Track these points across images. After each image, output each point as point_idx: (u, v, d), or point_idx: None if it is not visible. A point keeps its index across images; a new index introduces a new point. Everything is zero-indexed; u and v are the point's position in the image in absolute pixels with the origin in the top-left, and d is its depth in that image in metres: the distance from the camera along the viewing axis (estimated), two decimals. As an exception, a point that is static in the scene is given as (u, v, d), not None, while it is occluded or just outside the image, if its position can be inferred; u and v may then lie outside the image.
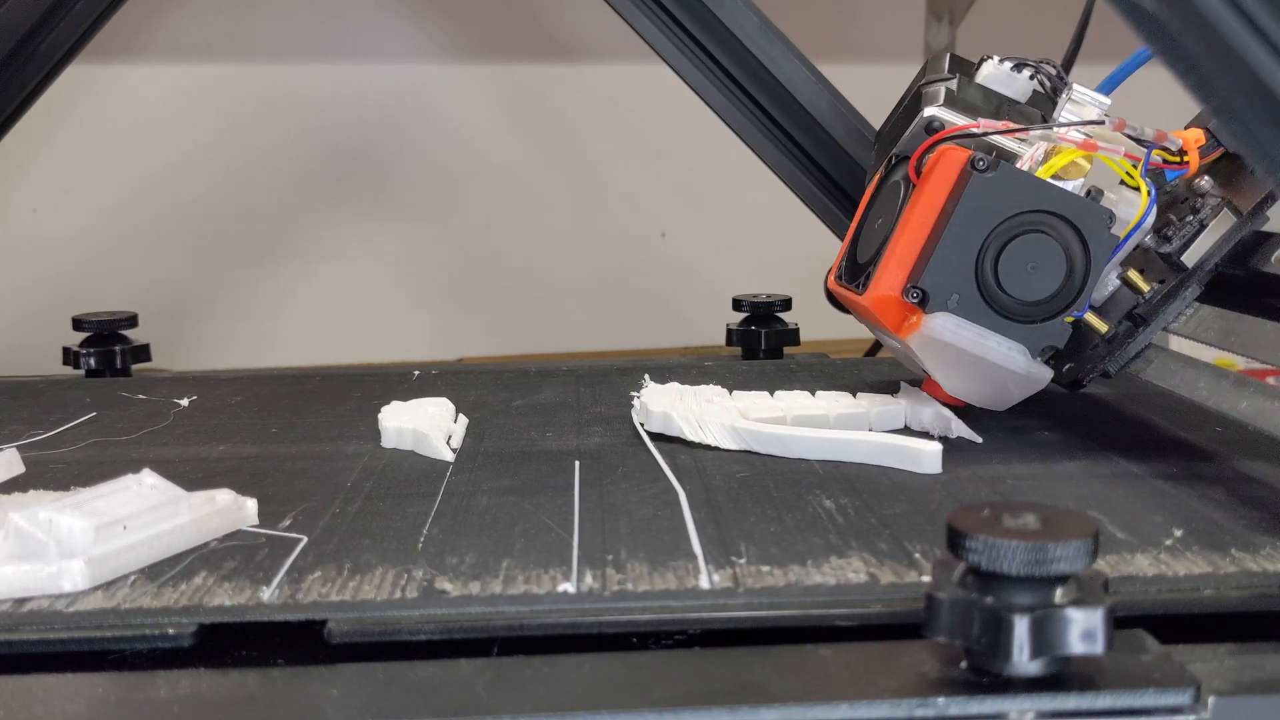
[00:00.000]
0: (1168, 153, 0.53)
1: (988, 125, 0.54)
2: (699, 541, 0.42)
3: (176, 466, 0.52)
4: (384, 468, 0.52)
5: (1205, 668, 0.32)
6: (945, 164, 0.53)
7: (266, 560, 0.40)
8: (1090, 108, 0.55)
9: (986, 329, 0.53)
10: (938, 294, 0.52)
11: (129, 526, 0.40)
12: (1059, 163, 0.52)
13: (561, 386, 0.68)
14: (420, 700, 0.30)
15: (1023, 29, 1.31)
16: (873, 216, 0.59)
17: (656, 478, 0.49)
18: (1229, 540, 0.41)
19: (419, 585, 0.38)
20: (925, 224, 0.53)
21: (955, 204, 0.52)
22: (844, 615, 0.36)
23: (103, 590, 0.38)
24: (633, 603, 0.37)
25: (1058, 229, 0.52)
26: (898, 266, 0.53)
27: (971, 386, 0.55)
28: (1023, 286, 0.52)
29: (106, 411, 0.63)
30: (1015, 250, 0.52)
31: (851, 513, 0.45)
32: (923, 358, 0.55)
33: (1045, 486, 0.48)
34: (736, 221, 1.37)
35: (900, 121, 0.60)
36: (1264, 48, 0.31)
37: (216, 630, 0.36)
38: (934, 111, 0.56)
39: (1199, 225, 0.55)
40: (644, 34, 0.84)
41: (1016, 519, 0.30)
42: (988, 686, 0.30)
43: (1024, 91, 0.58)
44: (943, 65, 0.59)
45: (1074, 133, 0.53)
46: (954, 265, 0.52)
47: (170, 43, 1.26)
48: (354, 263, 1.34)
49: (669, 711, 0.29)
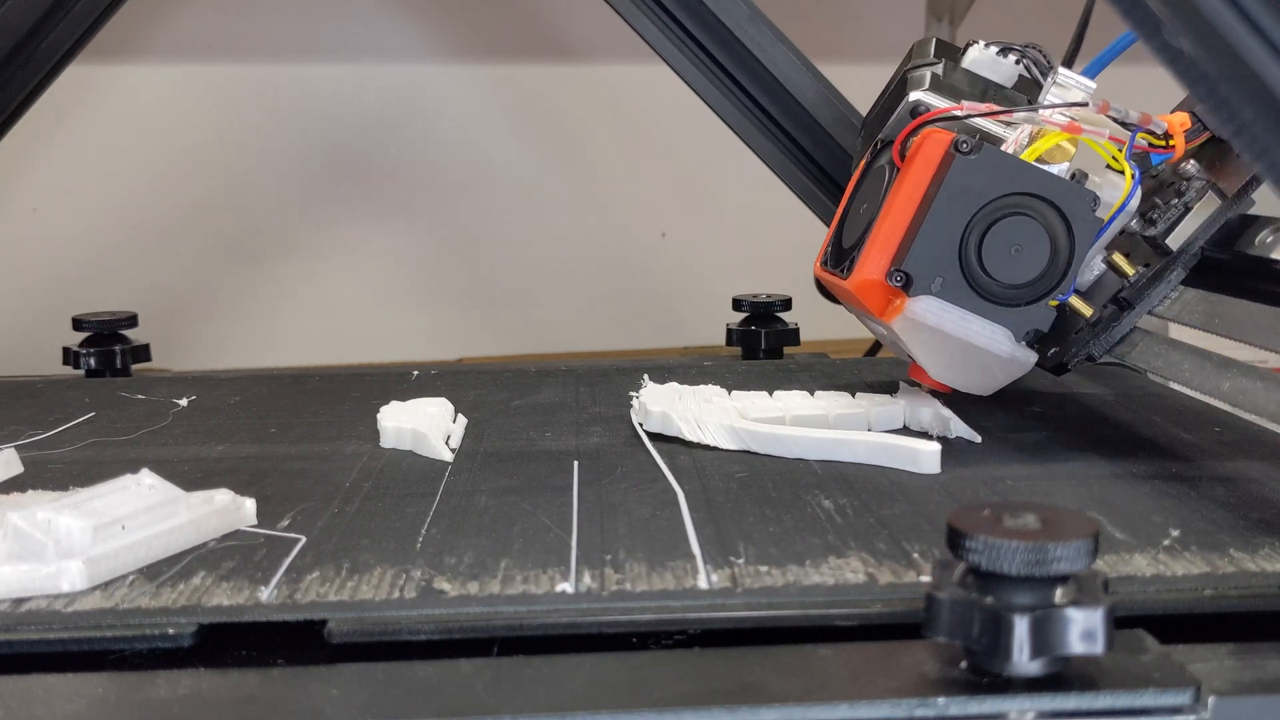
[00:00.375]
0: (1153, 136, 0.53)
1: (971, 108, 0.53)
2: (697, 541, 0.42)
3: (175, 466, 0.52)
4: (383, 468, 0.52)
5: (1205, 668, 0.32)
6: (929, 147, 0.52)
7: (265, 560, 0.40)
8: (1075, 91, 0.55)
9: (970, 312, 0.52)
10: (921, 277, 0.52)
11: (127, 526, 0.40)
12: (1043, 145, 0.52)
13: (560, 386, 0.68)
14: (420, 700, 0.30)
15: (1022, 29, 1.31)
16: (858, 201, 0.58)
17: (655, 478, 0.49)
18: (1228, 540, 0.41)
19: (418, 585, 0.38)
20: (909, 207, 0.52)
21: (939, 187, 0.51)
22: (844, 615, 0.36)
23: (101, 590, 0.38)
24: (631, 603, 0.37)
25: (1042, 212, 0.51)
26: (881, 250, 0.53)
27: (956, 371, 0.55)
28: (1007, 270, 0.51)
29: (105, 411, 0.63)
30: (999, 233, 0.51)
31: (850, 513, 0.45)
32: (907, 341, 0.54)
33: (1044, 487, 0.48)
34: (736, 221, 1.37)
35: (886, 106, 0.60)
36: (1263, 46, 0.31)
37: (216, 630, 0.36)
38: (919, 96, 0.56)
39: (1184, 208, 0.55)
40: (644, 34, 0.84)
41: (1016, 519, 0.30)
42: (988, 686, 0.30)
43: (1010, 76, 0.57)
44: (928, 50, 0.59)
45: (1058, 115, 0.52)
46: (938, 248, 0.51)
47: (170, 43, 1.26)
48: (354, 262, 1.34)
49: (669, 711, 0.29)
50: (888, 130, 0.57)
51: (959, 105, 0.54)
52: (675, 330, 1.36)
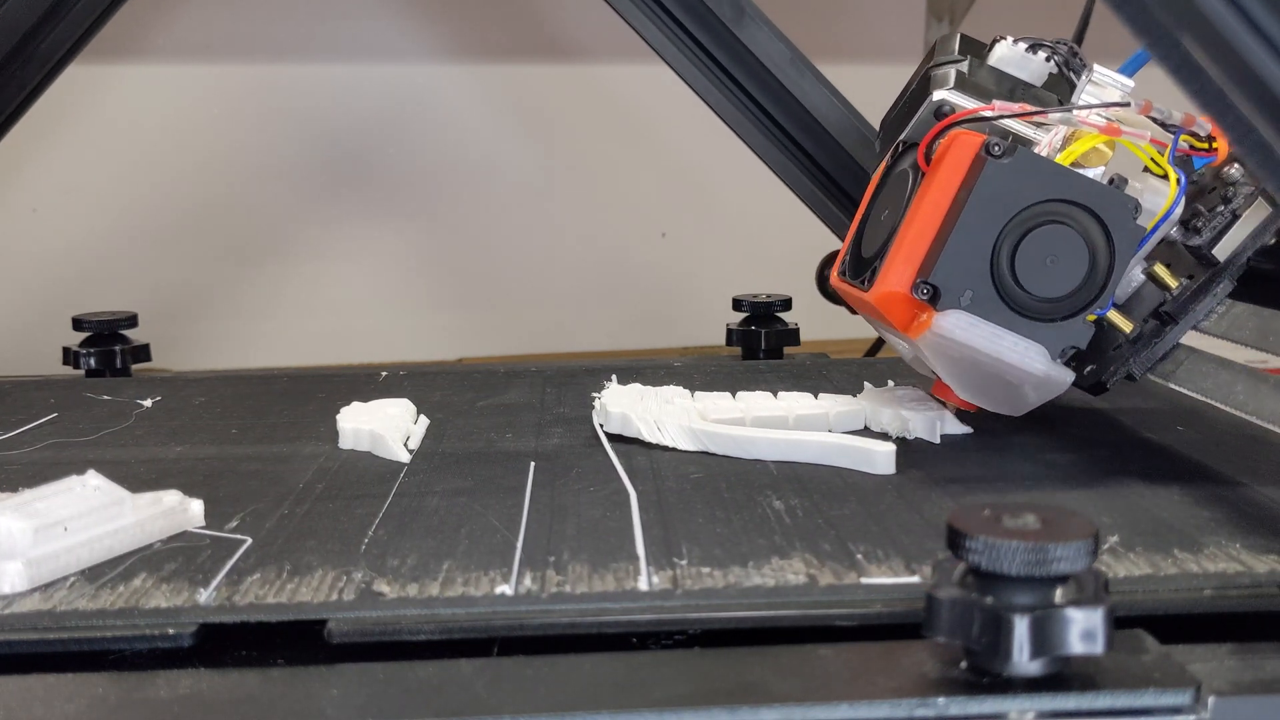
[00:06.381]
0: (1195, 138, 0.50)
1: (1003, 108, 0.50)
2: (643, 543, 0.41)
3: (131, 467, 0.52)
4: (338, 469, 0.52)
5: (1205, 668, 0.32)
6: (957, 150, 0.49)
7: (208, 562, 0.40)
8: (1112, 90, 0.51)
9: (1002, 328, 0.49)
10: (949, 290, 0.48)
11: (70, 528, 0.39)
12: (1079, 149, 0.49)
13: (527, 387, 0.68)
14: (420, 700, 0.30)
15: (1023, 29, 1.31)
16: (879, 208, 0.55)
17: (610, 479, 0.49)
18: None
19: (357, 588, 0.38)
20: (936, 215, 0.49)
21: (969, 193, 0.48)
22: (844, 615, 0.36)
23: (40, 592, 0.37)
24: (568, 605, 0.36)
25: (1079, 220, 0.48)
26: (906, 261, 0.49)
27: (985, 390, 0.52)
28: (1042, 282, 0.48)
29: (68, 412, 0.63)
30: (1033, 243, 0.48)
31: (800, 513, 0.44)
32: (933, 359, 0.51)
33: (997, 489, 0.48)
34: (736, 221, 1.37)
35: (908, 107, 0.56)
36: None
37: (216, 630, 0.36)
38: (944, 95, 0.53)
39: (1231, 216, 0.52)
40: (644, 34, 0.84)
41: (1016, 519, 0.30)
42: (988, 686, 0.30)
43: (1039, 74, 0.54)
44: (953, 47, 0.56)
45: (1095, 116, 0.49)
46: (967, 259, 0.48)
47: (170, 43, 1.26)
48: (354, 262, 1.34)
49: (669, 711, 0.29)
50: (911, 132, 0.54)
51: (989, 105, 0.50)
52: (675, 330, 1.36)
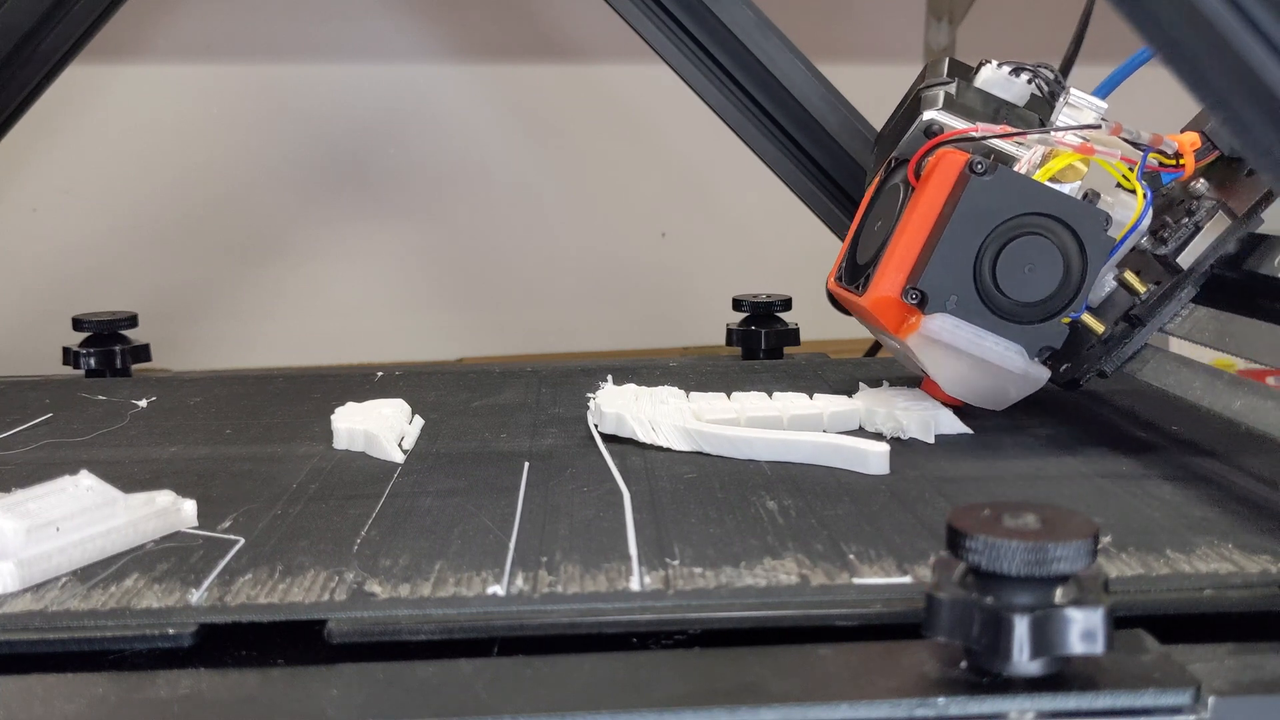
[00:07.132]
0: (1164, 156, 0.54)
1: (986, 129, 0.55)
2: (636, 543, 0.41)
3: (125, 467, 0.52)
4: (332, 469, 0.51)
5: (1205, 668, 0.32)
6: (944, 167, 0.54)
7: (200, 562, 0.40)
8: (1087, 112, 0.57)
9: (984, 329, 0.54)
10: (936, 295, 0.53)
11: (62, 528, 0.39)
12: (1056, 166, 0.53)
13: (523, 387, 0.68)
14: (420, 700, 0.30)
15: (1023, 29, 1.31)
16: (872, 218, 0.59)
17: (604, 479, 0.49)
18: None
19: (349, 588, 0.38)
20: (924, 226, 0.54)
21: (954, 207, 0.53)
22: (844, 615, 0.36)
23: (32, 593, 0.37)
24: (560, 605, 0.36)
25: (1055, 231, 0.53)
26: (897, 268, 0.54)
27: (970, 386, 0.56)
28: (1020, 288, 0.53)
29: (63, 413, 0.63)
30: (1013, 252, 0.53)
31: (793, 514, 0.44)
32: (921, 358, 0.55)
33: (989, 488, 0.48)
34: (736, 221, 1.37)
35: (900, 124, 0.61)
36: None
37: (216, 630, 0.36)
38: (933, 115, 0.57)
39: (1194, 227, 0.56)
40: (644, 34, 0.84)
41: (1016, 519, 0.30)
42: (988, 686, 0.30)
43: (1022, 95, 0.58)
44: (942, 69, 0.60)
45: (1071, 136, 0.54)
46: (952, 267, 0.53)
47: (170, 43, 1.26)
48: (354, 263, 1.34)
49: (669, 711, 0.29)
50: (902, 149, 0.58)
51: (974, 127, 0.55)
52: (675, 330, 1.36)
